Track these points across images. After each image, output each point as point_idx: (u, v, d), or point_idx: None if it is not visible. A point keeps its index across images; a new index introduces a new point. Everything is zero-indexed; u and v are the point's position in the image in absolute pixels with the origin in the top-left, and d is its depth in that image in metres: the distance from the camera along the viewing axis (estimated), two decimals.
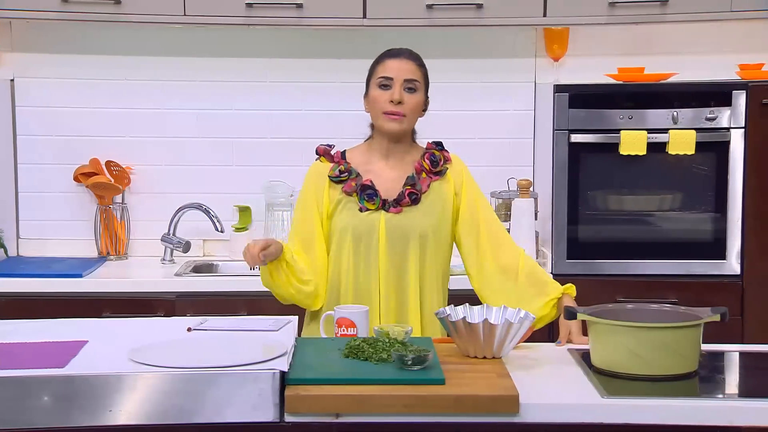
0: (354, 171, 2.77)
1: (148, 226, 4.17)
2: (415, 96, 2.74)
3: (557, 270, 3.80)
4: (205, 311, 3.43)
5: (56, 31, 4.08)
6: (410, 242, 2.74)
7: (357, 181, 2.75)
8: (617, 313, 2.39)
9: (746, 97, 3.74)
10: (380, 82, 2.74)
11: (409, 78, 2.73)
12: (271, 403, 2.07)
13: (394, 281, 2.74)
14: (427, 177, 2.78)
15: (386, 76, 2.73)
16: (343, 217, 2.75)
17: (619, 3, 3.78)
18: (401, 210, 2.74)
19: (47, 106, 4.15)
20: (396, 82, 2.72)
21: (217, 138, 4.20)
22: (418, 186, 2.75)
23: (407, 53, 2.78)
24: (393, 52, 2.78)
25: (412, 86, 2.74)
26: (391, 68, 2.74)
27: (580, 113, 3.80)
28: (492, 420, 2.09)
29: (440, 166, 2.79)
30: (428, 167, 2.78)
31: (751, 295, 3.78)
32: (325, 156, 2.82)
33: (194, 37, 4.13)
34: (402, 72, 2.73)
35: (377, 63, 2.79)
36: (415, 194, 2.75)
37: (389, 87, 2.73)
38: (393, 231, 2.73)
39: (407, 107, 2.73)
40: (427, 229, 2.74)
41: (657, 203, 3.88)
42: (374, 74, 2.77)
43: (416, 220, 2.74)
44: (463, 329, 2.34)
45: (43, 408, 2.05)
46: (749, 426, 2.13)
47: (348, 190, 2.76)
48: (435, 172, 2.78)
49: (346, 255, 2.75)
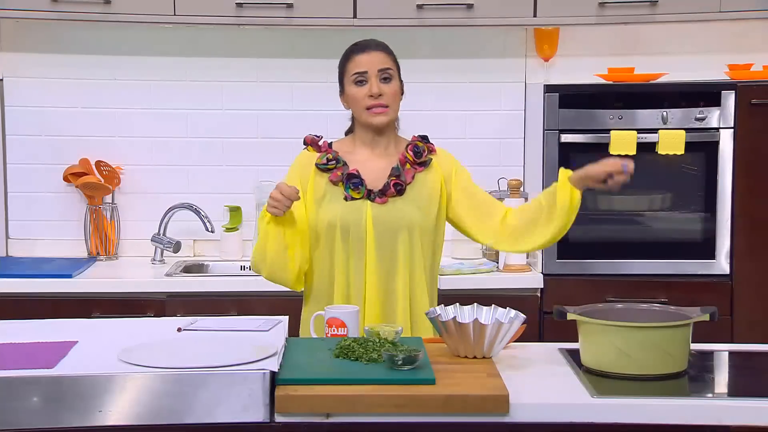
0: (341, 160, 2.79)
1: (138, 227, 4.17)
2: (392, 84, 2.77)
3: (547, 270, 3.81)
4: (195, 311, 3.42)
5: (46, 30, 4.07)
6: (399, 235, 2.75)
7: (343, 171, 2.77)
8: (607, 313, 2.40)
9: (735, 97, 3.76)
10: (355, 78, 2.76)
11: (382, 68, 2.76)
12: (262, 404, 2.07)
13: (384, 276, 2.74)
14: (411, 168, 2.79)
15: (359, 72, 2.76)
16: (330, 208, 2.75)
17: (608, 3, 3.79)
18: (386, 201, 2.76)
19: (36, 106, 4.14)
20: (370, 75, 2.75)
21: (207, 138, 4.19)
22: (402, 177, 2.77)
23: (374, 44, 2.81)
24: (360, 46, 2.80)
25: (386, 75, 2.76)
26: (363, 62, 2.76)
27: (570, 113, 3.81)
28: (482, 420, 2.09)
29: (424, 156, 2.80)
30: (412, 158, 2.80)
31: (740, 295, 3.80)
32: (312, 145, 2.85)
33: (184, 36, 4.13)
34: (374, 64, 2.75)
35: (347, 60, 2.81)
36: (400, 185, 2.76)
37: (365, 82, 2.75)
38: (380, 223, 2.74)
39: (387, 97, 2.76)
40: (414, 220, 2.76)
41: (647, 203, 3.89)
42: (346, 72, 2.80)
43: (403, 211, 2.75)
44: (454, 329, 2.34)
45: (32, 409, 2.05)
46: (738, 425, 2.14)
47: (334, 179, 2.77)
48: (419, 163, 2.80)
49: (336, 250, 2.75)
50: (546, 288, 3.78)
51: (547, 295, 3.77)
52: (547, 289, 3.77)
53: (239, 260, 4.12)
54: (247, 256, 4.14)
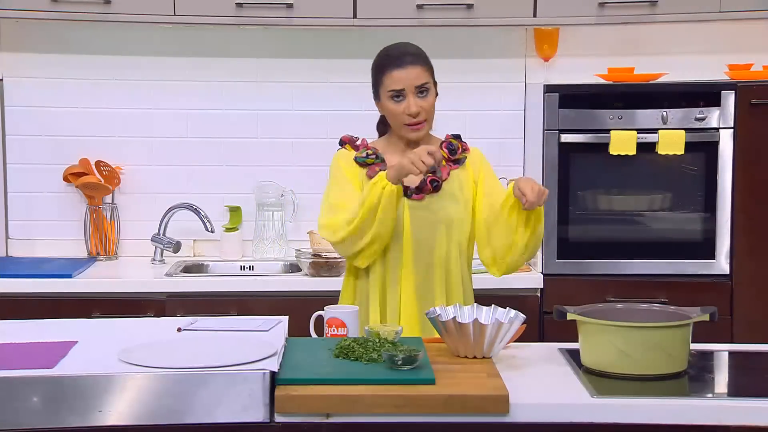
0: (381, 156, 2.81)
1: (138, 227, 4.16)
2: (429, 97, 2.77)
3: (547, 270, 3.81)
4: (195, 311, 3.42)
5: (45, 30, 4.07)
6: (437, 230, 2.76)
7: (381, 167, 2.78)
8: (607, 313, 2.40)
9: (735, 98, 3.76)
10: (391, 95, 2.75)
11: (419, 84, 2.74)
12: (261, 404, 2.07)
13: (423, 272, 2.75)
14: (446, 165, 2.81)
15: (396, 90, 2.73)
16: None
17: (608, 3, 3.79)
18: (423, 197, 2.77)
19: (36, 106, 4.13)
20: (408, 92, 2.74)
21: (207, 138, 4.19)
22: (438, 173, 2.79)
23: (410, 59, 2.76)
24: (396, 60, 2.75)
25: (423, 89, 2.75)
26: (399, 79, 2.73)
27: (570, 113, 3.81)
28: (482, 420, 2.09)
29: (458, 154, 2.83)
30: (447, 156, 2.81)
31: (740, 295, 3.80)
32: (350, 144, 2.86)
33: (184, 36, 4.13)
34: (411, 80, 2.73)
35: (382, 73, 2.76)
36: (437, 181, 2.78)
37: (402, 98, 2.74)
38: (418, 219, 2.76)
39: (425, 113, 2.76)
40: (451, 215, 2.77)
41: (646, 203, 3.89)
42: (382, 84, 2.77)
43: (441, 206, 2.77)
44: (454, 329, 2.34)
45: (32, 409, 2.05)
46: (738, 425, 2.13)
47: (371, 174, 2.77)
48: (454, 161, 2.82)
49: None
50: (546, 288, 3.77)
51: (547, 295, 3.77)
52: (547, 289, 3.77)
53: (239, 260, 4.12)
54: (247, 256, 4.15)
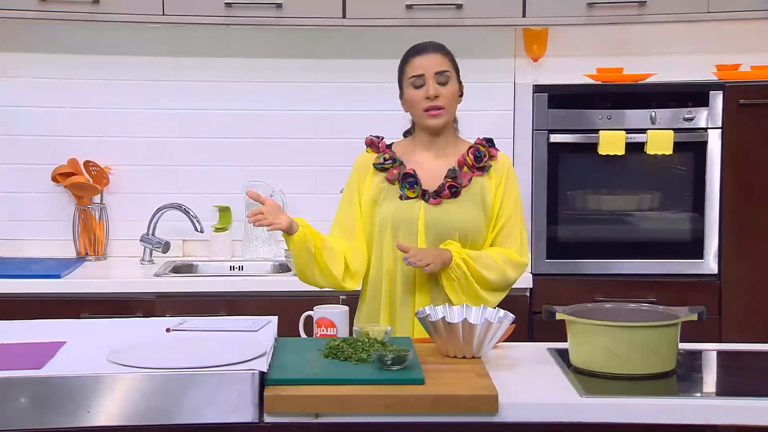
0: (398, 159, 2.81)
1: (127, 227, 4.16)
2: (449, 86, 2.78)
3: (537, 270, 3.82)
4: (184, 312, 3.41)
5: (34, 30, 4.06)
6: (451, 236, 2.76)
7: (400, 170, 2.79)
8: (596, 313, 2.41)
9: (723, 98, 3.77)
10: (412, 81, 2.78)
11: (439, 70, 2.76)
12: (251, 404, 2.07)
13: (434, 277, 2.75)
14: (468, 171, 2.80)
15: (416, 75, 2.77)
16: (385, 206, 2.79)
17: (597, 3, 3.80)
18: (440, 202, 2.77)
19: (24, 106, 4.12)
20: (427, 77, 2.76)
21: (196, 138, 4.18)
22: (459, 179, 2.78)
23: (431, 47, 2.81)
24: (417, 49, 2.81)
25: (443, 77, 2.77)
26: (419, 65, 2.77)
27: (559, 113, 3.82)
28: (471, 419, 2.09)
29: (484, 161, 2.81)
30: (471, 162, 2.80)
31: (729, 295, 3.81)
32: (371, 147, 2.87)
33: (173, 36, 4.12)
34: (431, 66, 2.76)
35: (405, 63, 2.82)
36: (456, 187, 2.78)
37: (422, 84, 2.76)
38: (432, 224, 2.76)
39: (444, 99, 2.77)
40: (465, 224, 2.77)
41: (635, 203, 3.90)
42: (404, 75, 2.81)
43: (456, 214, 2.77)
44: (443, 329, 2.34)
45: (21, 409, 2.04)
46: (726, 424, 2.14)
47: (390, 177, 2.79)
48: (478, 168, 2.81)
49: (387, 248, 2.78)
50: (535, 288, 3.78)
51: (537, 294, 3.77)
52: (536, 289, 3.78)
53: (228, 260, 4.12)
54: (236, 256, 4.14)
